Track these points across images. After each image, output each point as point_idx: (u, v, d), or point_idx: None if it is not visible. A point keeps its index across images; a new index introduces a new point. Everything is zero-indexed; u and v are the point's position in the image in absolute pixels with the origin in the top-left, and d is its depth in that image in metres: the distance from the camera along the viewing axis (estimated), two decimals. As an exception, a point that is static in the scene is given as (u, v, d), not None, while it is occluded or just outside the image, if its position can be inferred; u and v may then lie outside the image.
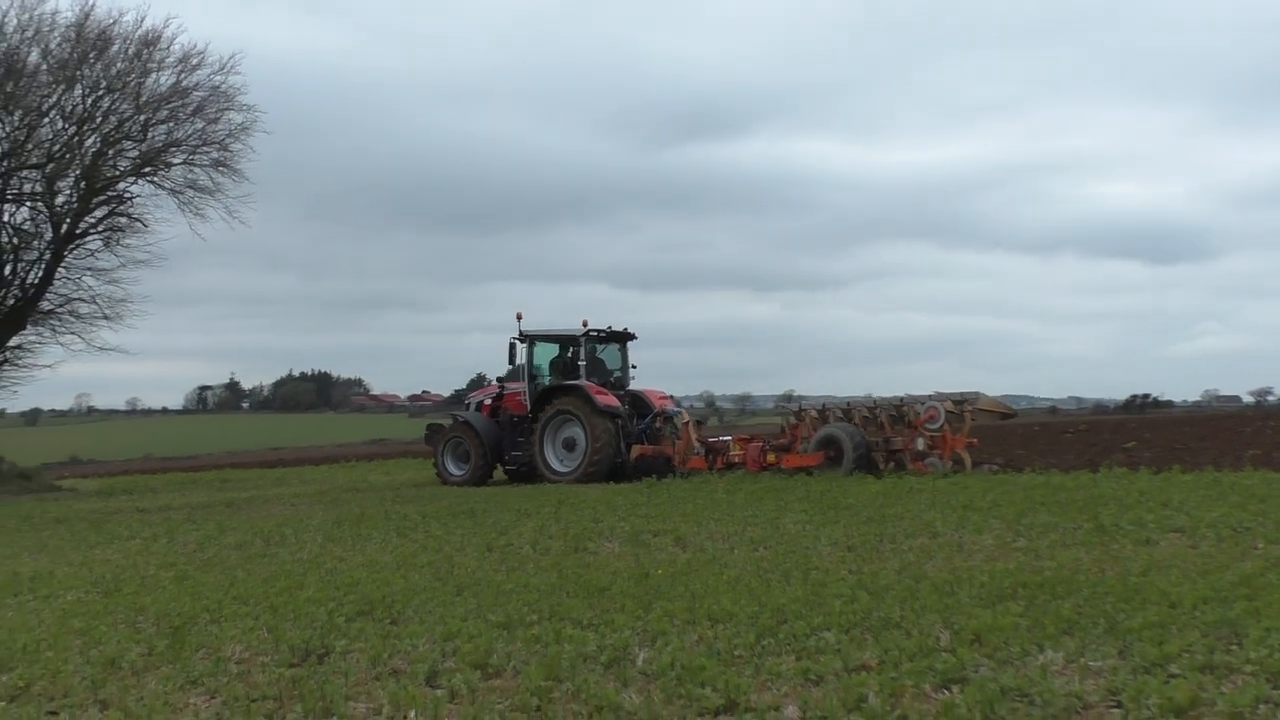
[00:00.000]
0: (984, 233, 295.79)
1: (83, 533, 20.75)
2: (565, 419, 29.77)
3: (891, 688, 6.81)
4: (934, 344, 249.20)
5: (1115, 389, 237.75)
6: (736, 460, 27.64)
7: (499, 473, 32.30)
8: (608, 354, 31.88)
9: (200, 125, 41.58)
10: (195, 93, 41.18)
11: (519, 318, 30.80)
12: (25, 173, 40.64)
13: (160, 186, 41.91)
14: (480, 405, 32.77)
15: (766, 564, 12.37)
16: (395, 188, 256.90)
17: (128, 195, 42.28)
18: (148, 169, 41.68)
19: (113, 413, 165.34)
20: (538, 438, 29.99)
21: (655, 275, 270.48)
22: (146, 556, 16.56)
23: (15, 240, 41.27)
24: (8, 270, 41.16)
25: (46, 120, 40.34)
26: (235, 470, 47.96)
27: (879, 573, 11.29)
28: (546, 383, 31.07)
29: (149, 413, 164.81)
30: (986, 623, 8.33)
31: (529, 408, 30.71)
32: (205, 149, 41.71)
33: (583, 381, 29.98)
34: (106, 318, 42.03)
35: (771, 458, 26.87)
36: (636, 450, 29.13)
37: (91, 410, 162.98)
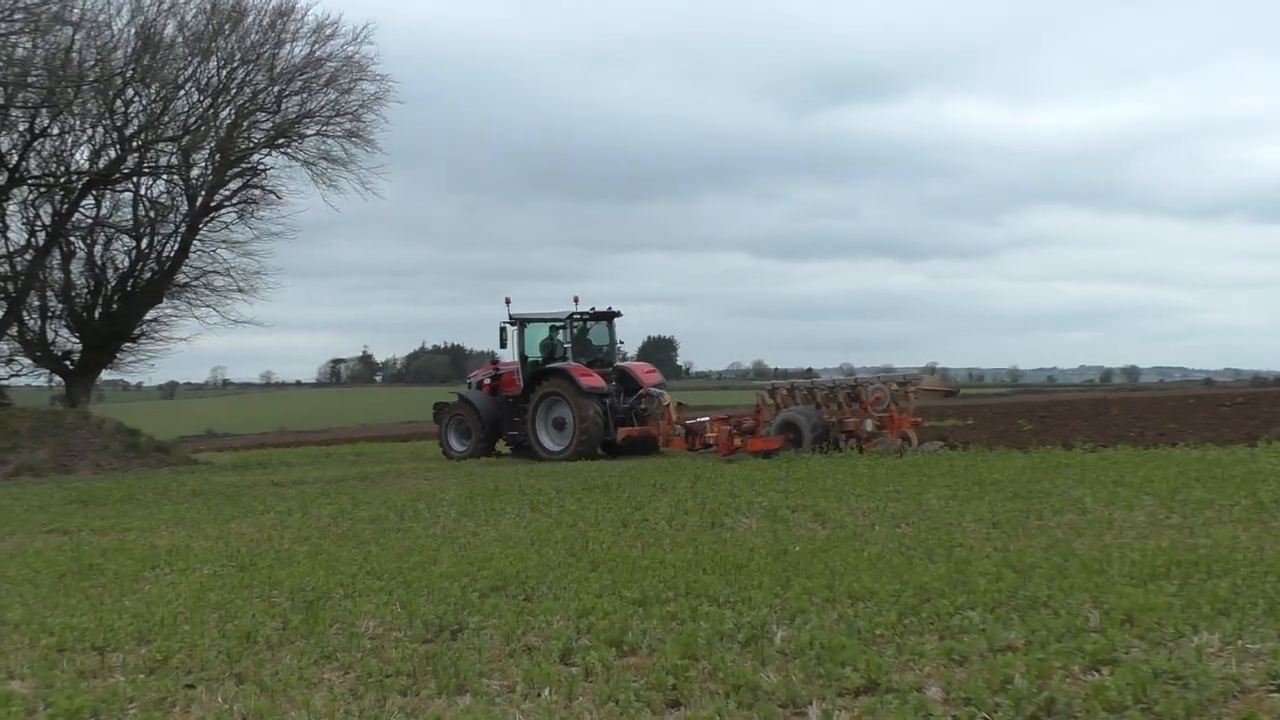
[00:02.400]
0: (1145, 198, 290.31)
1: (219, 506, 21.19)
2: (554, 400, 31.45)
3: (1039, 669, 6.73)
4: (1086, 314, 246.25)
5: (1275, 360, 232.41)
6: (712, 442, 28.59)
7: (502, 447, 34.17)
8: (595, 333, 33.47)
9: (333, 96, 42.11)
10: (328, 64, 41.69)
11: (508, 302, 32.99)
12: (161, 145, 41.42)
13: (293, 158, 42.55)
14: (481, 384, 34.76)
15: (909, 541, 12.28)
16: (537, 156, 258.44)
17: (261, 167, 43.00)
18: (281, 141, 42.32)
19: (247, 386, 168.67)
20: (530, 417, 31.69)
21: (797, 244, 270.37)
22: (281, 530, 16.88)
23: (152, 213, 42.10)
24: (145, 243, 42.04)
25: (182, 93, 41.08)
26: (368, 444, 48.54)
27: (1025, 550, 11.16)
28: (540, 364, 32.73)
29: (283, 386, 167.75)
30: (1138, 602, 8.20)
31: (522, 388, 32.46)
32: (338, 120, 42.25)
33: (568, 363, 31.59)
34: (241, 290, 42.78)
35: (738, 441, 27.64)
36: (623, 433, 30.86)
37: (226, 383, 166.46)
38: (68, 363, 42.20)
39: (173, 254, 42.00)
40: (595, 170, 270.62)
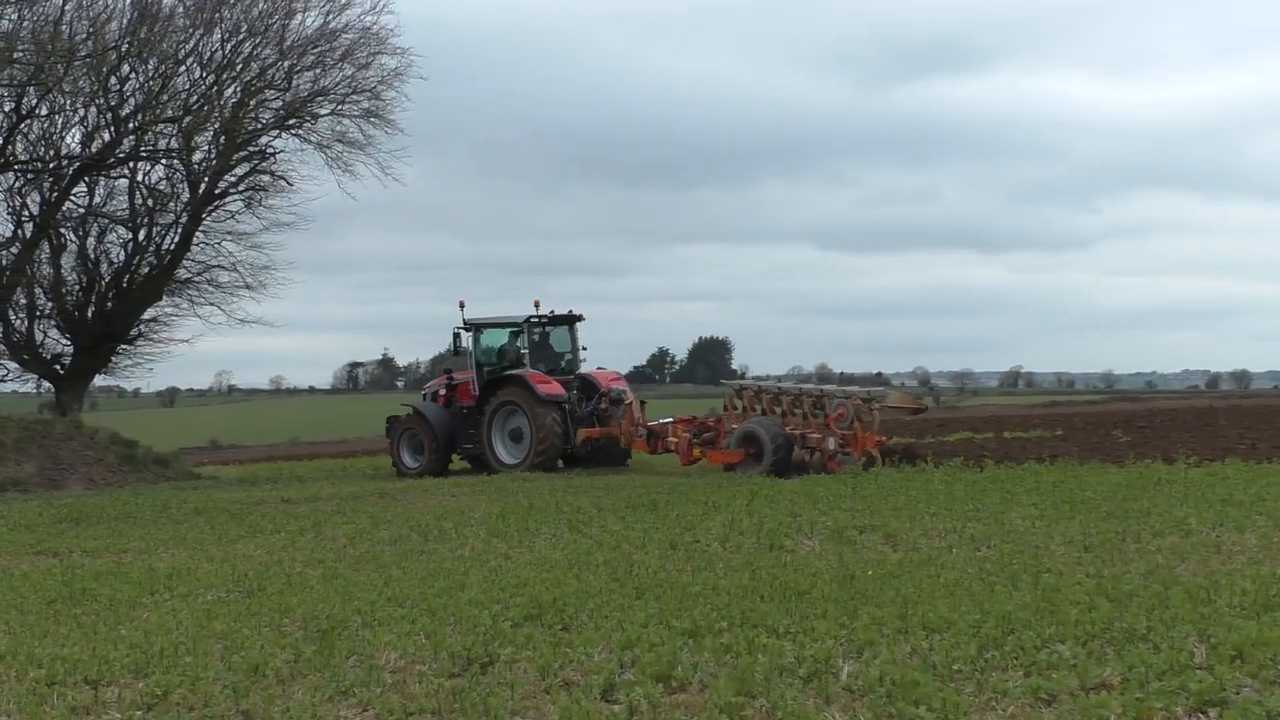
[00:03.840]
0: (1262, 181, 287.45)
1: (223, 525, 21.27)
2: (511, 409, 32.33)
3: (1136, 710, 6.70)
4: (1191, 312, 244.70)
5: None
6: (673, 447, 29.49)
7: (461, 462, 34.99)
8: (556, 337, 34.27)
9: (349, 72, 42.06)
10: (344, 35, 41.68)
11: (462, 306, 33.85)
12: (160, 127, 41.54)
13: (306, 140, 42.54)
14: (435, 395, 35.66)
15: (990, 565, 12.25)
16: (576, 137, 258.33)
17: (271, 150, 43.01)
18: (292, 121, 42.37)
19: (255, 392, 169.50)
20: (485, 428, 32.64)
21: (867, 235, 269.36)
22: (292, 552, 16.95)
23: (150, 202, 42.18)
24: (142, 235, 42.17)
25: (183, 69, 41.13)
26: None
27: (1122, 576, 11.11)
28: (498, 371, 33.47)
29: (295, 392, 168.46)
30: (1250, 636, 8.14)
31: (476, 397, 33.28)
32: (355, 98, 42.22)
33: (526, 370, 32.33)
34: (248, 287, 42.80)
35: (697, 452, 28.57)
36: (583, 433, 31.40)
37: (232, 390, 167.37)
38: (58, 367, 42.39)
39: (173, 246, 42.09)
40: (641, 153, 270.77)
